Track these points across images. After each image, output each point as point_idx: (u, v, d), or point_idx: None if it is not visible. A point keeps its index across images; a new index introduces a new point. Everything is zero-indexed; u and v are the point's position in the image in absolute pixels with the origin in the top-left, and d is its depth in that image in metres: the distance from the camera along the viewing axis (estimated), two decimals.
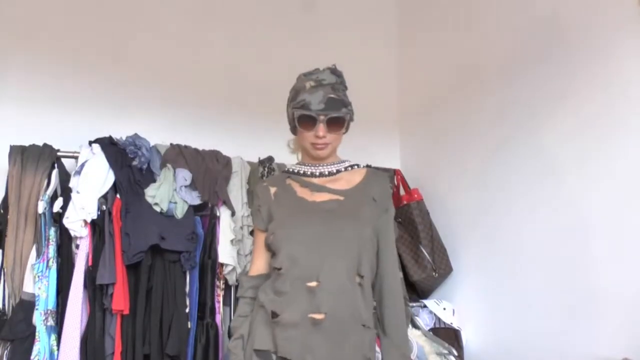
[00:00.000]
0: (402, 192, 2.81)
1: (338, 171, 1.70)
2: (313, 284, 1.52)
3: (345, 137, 1.75)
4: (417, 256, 2.57)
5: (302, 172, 1.72)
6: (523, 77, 2.30)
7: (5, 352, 2.06)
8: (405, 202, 2.69)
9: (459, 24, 2.74)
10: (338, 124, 1.61)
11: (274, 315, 1.53)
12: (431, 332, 2.53)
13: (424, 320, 2.57)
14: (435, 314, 2.59)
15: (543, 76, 2.20)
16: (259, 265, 1.68)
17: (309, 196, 1.66)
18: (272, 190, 1.71)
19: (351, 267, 1.55)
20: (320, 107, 1.57)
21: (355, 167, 1.74)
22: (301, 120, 1.60)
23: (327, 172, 1.70)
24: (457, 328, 2.53)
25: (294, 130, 1.69)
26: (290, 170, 1.74)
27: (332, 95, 1.58)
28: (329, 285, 1.51)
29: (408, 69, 3.12)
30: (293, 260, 1.55)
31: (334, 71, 1.64)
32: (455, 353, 2.46)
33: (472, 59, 2.62)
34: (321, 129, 1.58)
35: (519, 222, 2.28)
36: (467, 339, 2.54)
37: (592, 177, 1.98)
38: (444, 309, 2.59)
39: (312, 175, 1.70)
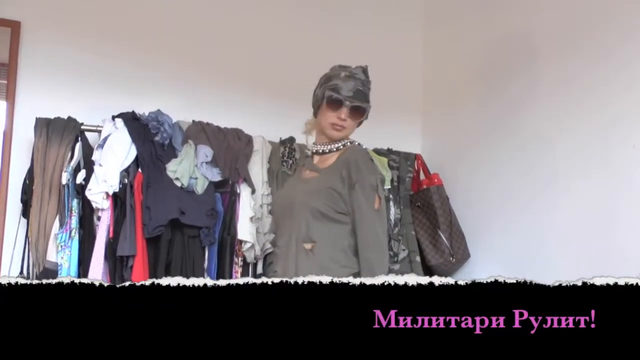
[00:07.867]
0: (422, 176, 2.79)
1: (330, 150, 1.89)
2: None
3: (366, 121, 1.94)
4: (435, 241, 2.56)
5: (311, 152, 1.97)
6: (550, 64, 2.26)
7: None
8: (424, 187, 2.68)
9: (486, 5, 2.70)
10: (359, 113, 1.85)
11: None
12: None
13: None
14: None
15: (571, 66, 2.16)
16: None
17: (304, 174, 1.93)
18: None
19: (299, 236, 1.78)
20: (349, 94, 1.80)
21: (348, 143, 1.89)
22: (329, 101, 1.82)
23: (321, 151, 1.91)
24: None
25: (317, 109, 1.89)
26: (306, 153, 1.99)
27: (360, 89, 1.82)
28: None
29: (433, 53, 3.07)
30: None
31: (365, 71, 1.86)
32: None
33: (497, 45, 2.57)
34: (344, 112, 1.81)
35: (541, 211, 2.24)
36: None
37: (619, 171, 1.94)
38: None
39: (316, 152, 1.93)
